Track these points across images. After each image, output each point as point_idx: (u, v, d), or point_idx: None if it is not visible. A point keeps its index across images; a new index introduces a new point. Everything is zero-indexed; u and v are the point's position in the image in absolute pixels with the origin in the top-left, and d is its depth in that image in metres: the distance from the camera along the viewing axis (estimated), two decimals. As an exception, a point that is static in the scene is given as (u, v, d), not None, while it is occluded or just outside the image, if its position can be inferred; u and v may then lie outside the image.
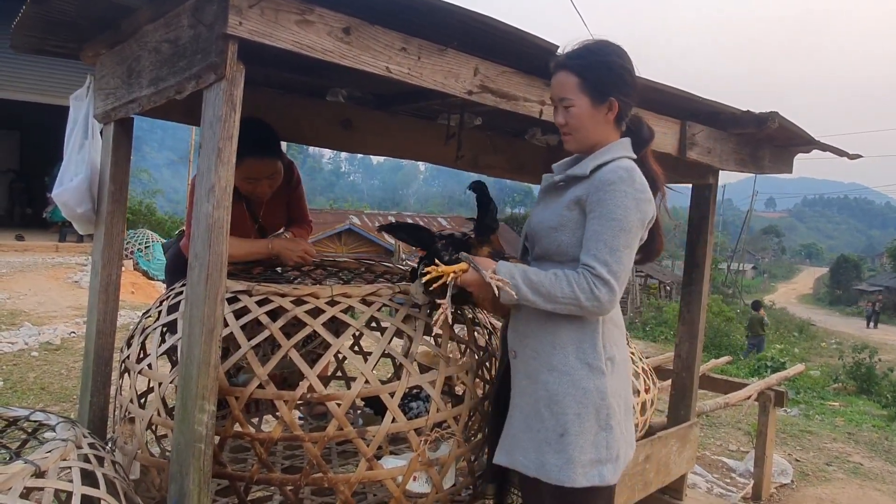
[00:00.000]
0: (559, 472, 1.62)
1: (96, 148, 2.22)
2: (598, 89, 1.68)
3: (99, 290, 2.16)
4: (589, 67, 1.69)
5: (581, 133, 1.72)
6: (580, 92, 1.69)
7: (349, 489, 1.65)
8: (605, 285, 1.57)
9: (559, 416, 1.63)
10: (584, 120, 1.70)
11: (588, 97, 1.69)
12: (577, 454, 1.62)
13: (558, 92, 1.73)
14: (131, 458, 1.78)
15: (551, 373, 1.66)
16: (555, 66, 1.75)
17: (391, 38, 1.76)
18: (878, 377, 11.38)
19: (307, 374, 1.65)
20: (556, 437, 1.63)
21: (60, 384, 4.68)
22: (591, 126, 1.71)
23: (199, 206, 1.56)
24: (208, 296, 1.51)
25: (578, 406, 1.63)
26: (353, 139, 2.98)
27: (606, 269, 1.57)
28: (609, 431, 1.66)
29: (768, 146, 3.15)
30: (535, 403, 1.67)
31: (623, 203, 1.60)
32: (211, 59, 1.51)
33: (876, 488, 4.49)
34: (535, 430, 1.67)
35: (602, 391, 1.64)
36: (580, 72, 1.69)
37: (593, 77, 1.68)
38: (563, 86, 1.71)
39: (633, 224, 1.61)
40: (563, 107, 1.72)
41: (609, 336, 1.69)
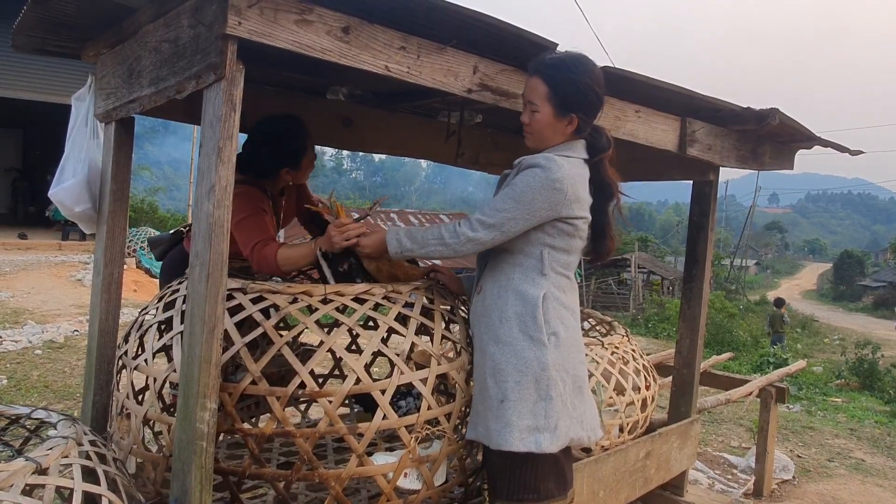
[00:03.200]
0: (498, 437, 1.75)
1: (97, 147, 2.23)
2: (562, 104, 1.82)
3: (101, 289, 2.18)
4: (559, 81, 1.81)
5: (538, 135, 1.89)
6: (546, 101, 1.82)
7: (340, 485, 1.67)
8: (470, 225, 1.81)
9: (501, 383, 1.77)
10: (543, 126, 1.86)
11: (552, 107, 1.82)
12: (514, 419, 1.74)
13: (528, 94, 1.87)
14: (126, 454, 1.79)
15: (497, 344, 1.81)
16: (531, 68, 1.86)
17: (390, 36, 1.77)
18: (881, 373, 11.36)
19: (299, 370, 1.66)
20: (497, 404, 1.77)
21: (64, 382, 4.70)
22: (549, 132, 1.87)
23: (200, 205, 1.56)
24: (209, 295, 1.52)
25: (518, 374, 1.76)
26: (353, 137, 2.99)
27: (479, 216, 1.82)
28: (548, 401, 1.77)
29: (769, 142, 3.15)
30: (482, 375, 1.83)
31: (529, 184, 1.79)
32: (211, 59, 1.52)
33: (878, 484, 4.49)
34: (483, 400, 1.81)
35: (543, 362, 1.77)
36: (551, 83, 1.81)
37: (561, 91, 1.81)
38: (532, 90, 1.84)
39: (529, 200, 1.78)
40: (529, 108, 1.86)
41: (554, 312, 1.82)
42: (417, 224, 27.75)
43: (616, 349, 2.90)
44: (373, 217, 2.58)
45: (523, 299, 1.81)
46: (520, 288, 1.83)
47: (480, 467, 2.10)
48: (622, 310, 23.75)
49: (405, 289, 2.00)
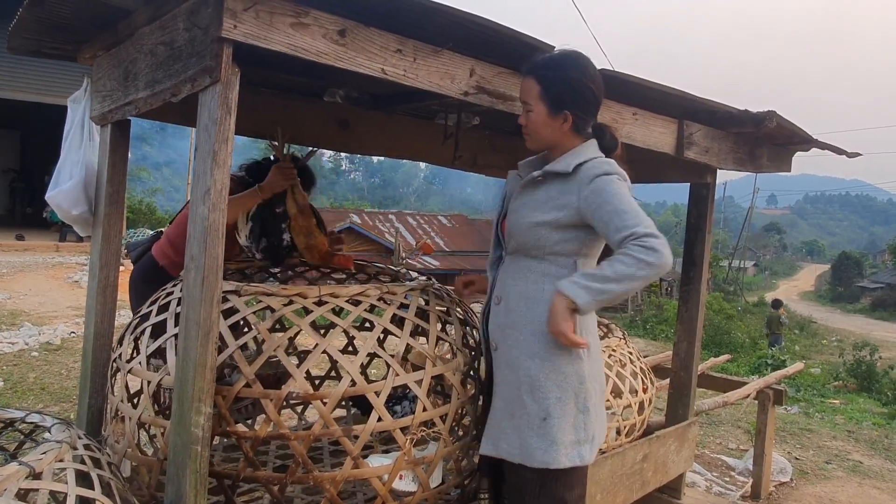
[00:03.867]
0: (544, 455, 1.71)
1: (93, 150, 2.23)
2: (555, 101, 1.79)
3: (97, 292, 2.17)
4: (551, 79, 1.79)
5: (536, 136, 1.86)
6: (539, 100, 1.80)
7: (335, 487, 1.66)
8: (652, 237, 1.63)
9: (541, 400, 1.73)
10: (538, 125, 1.83)
11: (545, 106, 1.80)
12: (559, 436, 1.72)
13: (522, 95, 1.86)
14: (121, 457, 1.79)
15: (532, 359, 1.74)
16: (525, 70, 1.85)
17: (386, 39, 1.76)
18: (879, 375, 11.37)
19: (293, 373, 1.66)
20: (539, 421, 1.72)
21: (60, 384, 4.69)
22: (546, 132, 1.83)
23: (195, 208, 1.56)
24: (204, 298, 1.52)
25: (559, 390, 1.73)
26: (350, 139, 2.98)
27: (642, 226, 1.65)
28: (586, 413, 1.77)
29: (766, 145, 3.15)
30: (516, 391, 1.76)
31: (617, 188, 1.72)
32: (206, 62, 1.52)
33: (875, 486, 4.49)
34: (518, 417, 1.75)
35: (581, 375, 1.75)
36: (542, 81, 1.80)
37: (553, 89, 1.79)
38: (526, 90, 1.83)
39: (629, 198, 1.72)
40: (525, 109, 1.86)
41: (584, 323, 1.78)
42: (416, 225, 27.76)
43: (613, 352, 2.90)
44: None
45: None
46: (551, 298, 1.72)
47: (476, 469, 2.10)
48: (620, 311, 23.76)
49: (400, 290, 2.00)
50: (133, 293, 3.05)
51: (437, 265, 23.07)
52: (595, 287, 1.64)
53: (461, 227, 28.69)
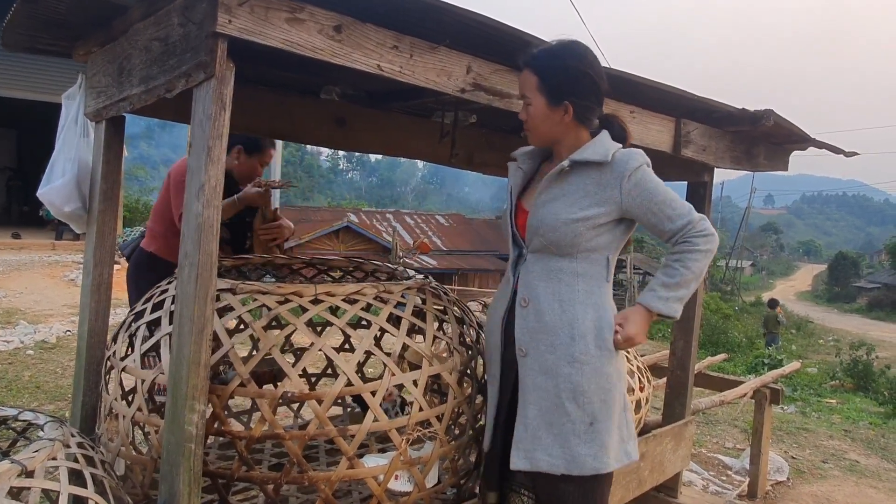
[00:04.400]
0: (595, 461, 1.65)
1: (87, 146, 2.21)
2: (553, 91, 1.73)
3: (91, 290, 2.15)
4: (548, 69, 1.73)
5: (539, 130, 1.79)
6: (537, 92, 1.74)
7: (330, 488, 1.65)
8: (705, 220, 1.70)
9: (586, 405, 1.65)
10: (538, 118, 1.76)
11: (544, 97, 1.74)
12: (608, 439, 1.67)
13: (521, 89, 1.80)
14: (115, 455, 1.78)
15: (573, 364, 1.66)
16: (522, 62, 1.79)
17: (383, 35, 1.75)
18: (876, 374, 11.40)
19: (288, 372, 1.65)
20: (586, 427, 1.66)
21: (55, 383, 4.67)
22: (547, 124, 1.77)
23: (189, 205, 1.55)
24: (198, 295, 1.51)
25: (603, 392, 1.67)
26: (347, 137, 2.97)
27: (692, 213, 1.70)
28: (626, 410, 1.74)
29: (763, 143, 3.15)
30: (556, 398, 1.67)
31: (657, 178, 1.73)
32: (200, 58, 1.51)
33: (872, 486, 4.49)
34: (560, 425, 1.66)
35: (620, 372, 1.72)
36: (540, 72, 1.74)
37: (551, 79, 1.73)
38: (524, 84, 1.77)
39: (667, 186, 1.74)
40: (524, 103, 1.79)
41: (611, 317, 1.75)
42: (414, 224, 27.76)
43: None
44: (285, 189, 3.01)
45: (596, 313, 1.70)
46: (589, 300, 1.70)
47: (473, 468, 2.09)
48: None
49: (397, 288, 1.99)
50: (131, 287, 3.07)
51: (434, 264, 23.07)
52: (683, 294, 1.68)
53: (459, 227, 28.68)
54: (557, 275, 1.71)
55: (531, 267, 1.76)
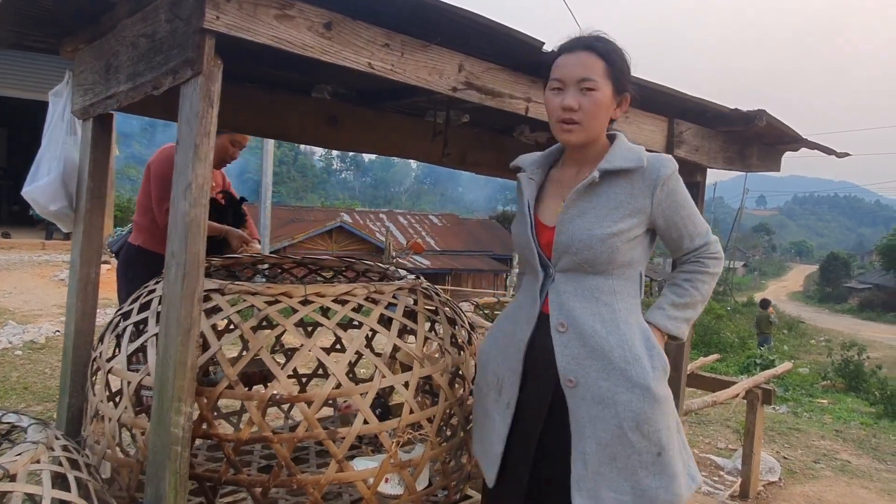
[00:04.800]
0: (666, 493, 1.51)
1: (74, 145, 2.18)
2: (619, 79, 1.57)
3: (77, 290, 2.13)
4: (614, 53, 1.57)
5: (593, 123, 1.56)
6: (605, 77, 1.55)
7: (319, 491, 1.63)
8: (717, 244, 1.66)
9: (652, 434, 1.51)
10: (602, 109, 1.56)
11: (612, 85, 1.56)
12: (676, 467, 1.54)
13: (580, 71, 1.54)
14: (100, 458, 1.75)
15: (632, 390, 1.50)
16: (573, 45, 1.58)
17: (374, 33, 1.74)
18: (867, 374, 11.44)
19: (277, 373, 1.63)
20: (653, 458, 1.51)
21: (44, 383, 4.62)
22: (603, 117, 1.58)
23: (176, 203, 1.53)
24: (185, 295, 1.49)
25: (664, 417, 1.53)
26: (339, 136, 2.95)
27: (710, 234, 1.65)
28: (680, 431, 1.61)
29: (756, 144, 3.15)
30: (616, 429, 1.50)
31: (685, 188, 1.64)
32: (188, 54, 1.49)
33: (863, 486, 4.50)
34: (624, 458, 1.51)
35: (672, 390, 1.60)
36: (607, 56, 1.55)
37: (618, 65, 1.57)
38: (586, 66, 1.54)
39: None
40: (582, 88, 1.54)
41: None
42: (407, 224, 27.73)
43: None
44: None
45: (642, 331, 1.57)
46: (631, 319, 1.57)
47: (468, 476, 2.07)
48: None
49: (388, 289, 1.97)
50: (121, 283, 3.06)
51: (428, 265, 23.05)
52: (690, 316, 1.62)
53: (452, 227, 28.68)
54: (594, 294, 1.56)
55: (562, 287, 1.58)
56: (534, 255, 1.62)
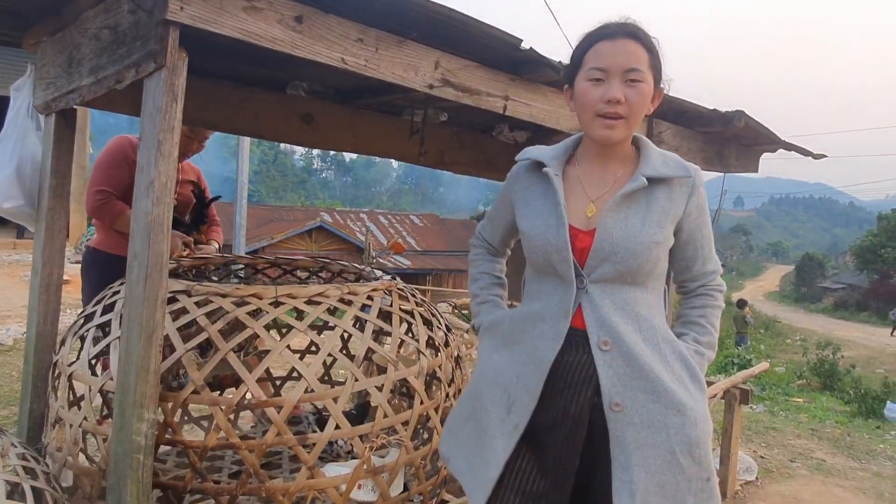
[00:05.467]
0: None
1: (37, 141, 2.10)
2: (659, 72, 1.43)
3: (39, 291, 2.05)
4: (653, 46, 1.42)
5: (637, 118, 1.42)
6: (649, 68, 1.40)
7: (289, 499, 1.58)
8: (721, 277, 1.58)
9: (702, 459, 1.42)
10: (647, 102, 1.41)
11: (653, 78, 1.42)
12: (718, 493, 1.45)
13: (626, 61, 1.38)
14: (61, 466, 1.68)
15: (682, 413, 1.39)
16: (615, 32, 1.41)
17: (347, 27, 1.69)
18: (841, 373, 11.63)
19: (245, 377, 1.57)
20: (703, 484, 1.42)
21: (10, 387, 4.49)
22: (645, 112, 1.44)
23: (138, 202, 1.47)
24: (147, 298, 1.43)
25: (709, 439, 1.44)
26: (314, 134, 2.90)
27: (719, 262, 1.58)
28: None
29: (734, 145, 3.15)
30: (668, 454, 1.39)
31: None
32: (150, 47, 1.43)
33: (838, 484, 4.54)
34: (674, 485, 1.40)
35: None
36: (651, 47, 1.41)
37: (657, 57, 1.43)
38: (633, 55, 1.39)
39: None
40: (628, 80, 1.38)
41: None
42: (388, 224, 27.64)
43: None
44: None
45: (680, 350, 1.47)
46: (670, 336, 1.47)
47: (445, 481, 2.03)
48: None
49: (363, 290, 1.93)
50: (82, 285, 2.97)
51: (408, 265, 22.99)
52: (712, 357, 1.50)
53: (433, 227, 28.64)
54: (633, 307, 1.43)
55: (599, 300, 1.42)
56: (567, 262, 1.41)
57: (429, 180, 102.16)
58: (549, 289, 1.47)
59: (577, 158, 1.53)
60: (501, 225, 1.64)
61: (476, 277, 1.69)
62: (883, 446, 5.72)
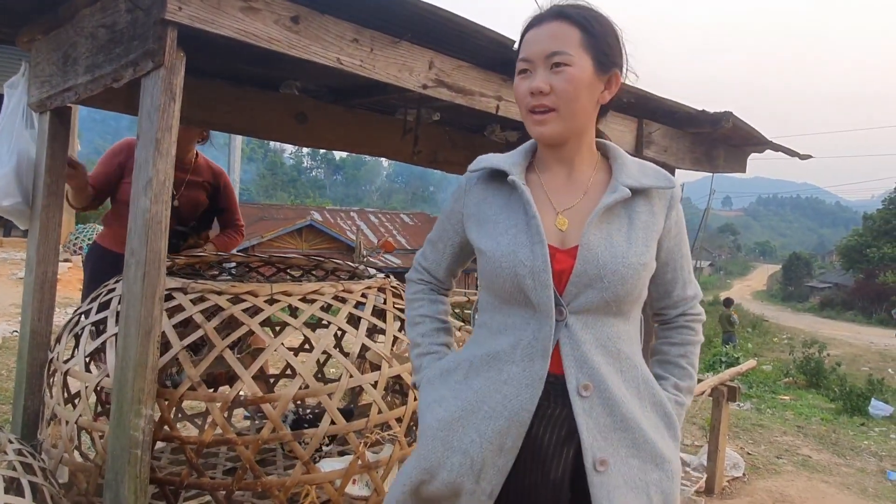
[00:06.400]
0: None
1: (30, 138, 2.10)
2: (604, 52, 1.21)
3: (34, 288, 2.05)
4: (594, 21, 1.21)
5: (571, 107, 1.19)
6: (582, 49, 1.19)
7: (285, 494, 1.60)
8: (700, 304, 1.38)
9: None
10: (581, 88, 1.19)
11: (591, 59, 1.19)
12: None
13: (549, 44, 1.19)
14: (57, 462, 1.69)
15: (660, 467, 1.21)
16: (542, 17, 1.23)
17: (342, 28, 1.71)
18: (827, 371, 11.76)
19: (241, 374, 1.59)
20: None
21: (0, 385, 4.47)
22: (586, 101, 1.21)
23: (136, 200, 1.48)
24: (145, 295, 1.44)
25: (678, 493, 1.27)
26: (308, 133, 2.91)
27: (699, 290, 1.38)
28: None
29: (723, 145, 3.20)
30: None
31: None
32: (148, 46, 1.44)
33: (823, 480, 4.61)
34: None
35: None
36: (584, 24, 1.20)
37: (599, 34, 1.21)
38: (556, 37, 1.19)
39: None
40: (551, 64, 1.19)
41: None
42: (378, 223, 27.62)
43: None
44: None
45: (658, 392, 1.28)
46: (648, 376, 1.26)
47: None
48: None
49: (357, 288, 1.95)
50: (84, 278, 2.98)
51: (399, 263, 22.98)
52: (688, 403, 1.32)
53: (423, 226, 28.64)
54: (615, 344, 1.21)
55: (579, 335, 1.18)
56: (546, 287, 1.17)
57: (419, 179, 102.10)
58: (516, 322, 1.21)
59: (537, 165, 1.32)
60: (447, 250, 1.40)
61: (416, 321, 1.41)
62: (867, 443, 5.82)
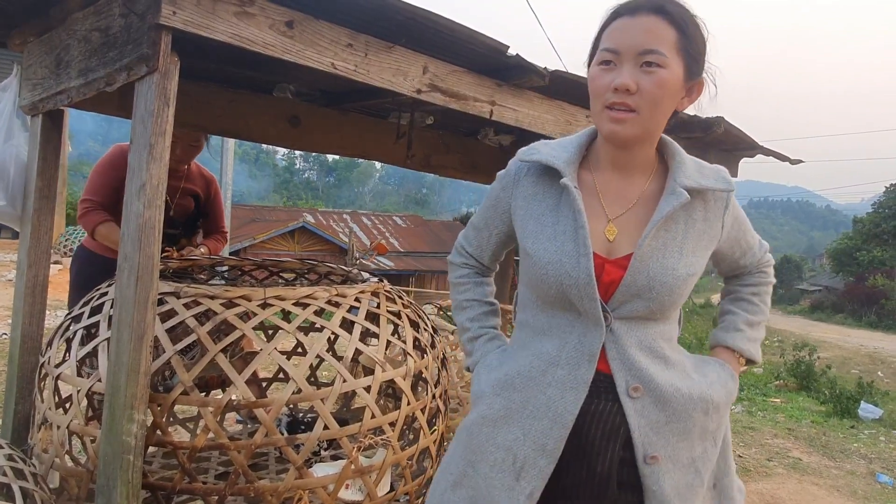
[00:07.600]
0: None
1: (22, 141, 2.10)
2: (695, 59, 1.15)
3: (25, 292, 2.04)
4: (691, 22, 1.14)
5: (653, 112, 1.14)
6: (676, 52, 1.12)
7: (277, 499, 1.59)
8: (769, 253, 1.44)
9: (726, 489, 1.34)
10: (668, 94, 1.13)
11: (684, 63, 1.14)
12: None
13: (643, 40, 1.11)
14: (48, 467, 1.68)
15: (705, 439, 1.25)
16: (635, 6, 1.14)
17: (337, 33, 1.71)
18: (817, 374, 11.82)
19: (234, 379, 1.59)
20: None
21: (-10, 389, 4.44)
22: (668, 106, 1.16)
23: (130, 204, 1.48)
24: (138, 300, 1.44)
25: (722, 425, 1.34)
26: (301, 136, 2.91)
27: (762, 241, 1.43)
28: None
29: (714, 150, 3.22)
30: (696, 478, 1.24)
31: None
32: (142, 51, 1.44)
33: (814, 482, 4.64)
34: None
35: None
36: (682, 26, 1.13)
37: (694, 38, 1.14)
38: (653, 34, 1.11)
39: None
40: (642, 62, 1.11)
41: None
42: (371, 225, 27.59)
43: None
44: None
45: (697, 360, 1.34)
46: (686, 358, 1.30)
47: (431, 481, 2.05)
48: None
49: (351, 292, 1.95)
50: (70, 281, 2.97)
51: (391, 266, 22.97)
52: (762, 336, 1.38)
53: (416, 228, 28.65)
54: (658, 344, 1.21)
55: (624, 339, 1.19)
56: (593, 299, 1.15)
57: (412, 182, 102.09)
58: (562, 324, 1.21)
59: (591, 162, 1.26)
60: (493, 238, 1.38)
61: (463, 306, 1.42)
62: (857, 445, 5.86)
